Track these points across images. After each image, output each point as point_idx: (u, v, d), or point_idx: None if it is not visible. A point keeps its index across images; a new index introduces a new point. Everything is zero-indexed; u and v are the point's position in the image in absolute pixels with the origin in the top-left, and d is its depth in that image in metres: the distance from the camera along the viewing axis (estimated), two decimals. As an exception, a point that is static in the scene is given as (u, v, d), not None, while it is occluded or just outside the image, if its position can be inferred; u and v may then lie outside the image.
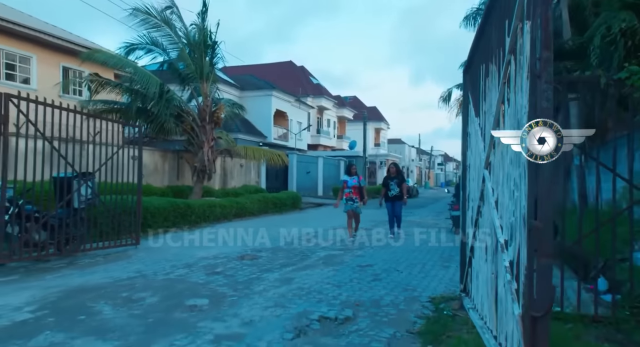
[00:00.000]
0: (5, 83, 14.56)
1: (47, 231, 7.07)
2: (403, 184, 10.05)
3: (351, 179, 9.46)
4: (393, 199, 9.96)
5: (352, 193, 9.38)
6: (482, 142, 3.28)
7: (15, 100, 6.13)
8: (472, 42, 4.16)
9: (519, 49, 2.36)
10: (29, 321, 4.10)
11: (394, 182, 9.98)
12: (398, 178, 10.04)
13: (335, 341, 3.64)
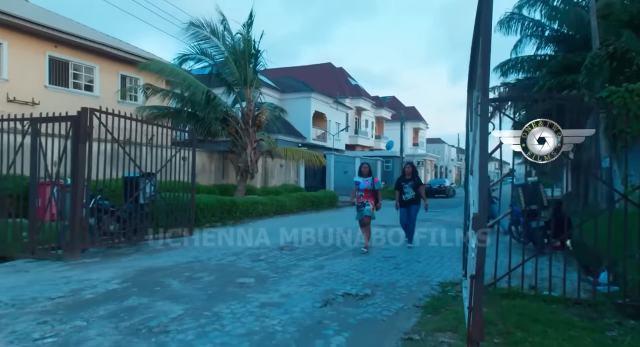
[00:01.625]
0: (73, 91, 16.28)
1: (118, 222, 8.36)
2: (419, 187, 8.99)
3: (364, 181, 8.43)
4: (408, 204, 8.87)
5: (364, 197, 8.35)
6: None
7: (97, 113, 7.41)
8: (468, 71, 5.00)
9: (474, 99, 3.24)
10: (118, 289, 5.28)
11: (409, 185, 8.91)
12: (414, 180, 8.98)
13: (354, 309, 4.60)
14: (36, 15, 15.50)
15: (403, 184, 9.00)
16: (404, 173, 9.20)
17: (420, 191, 8.92)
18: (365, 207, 8.27)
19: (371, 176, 8.57)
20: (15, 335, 3.79)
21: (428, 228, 11.18)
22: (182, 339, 3.70)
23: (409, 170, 9.09)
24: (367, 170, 8.58)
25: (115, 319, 4.20)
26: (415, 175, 9.11)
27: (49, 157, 7.44)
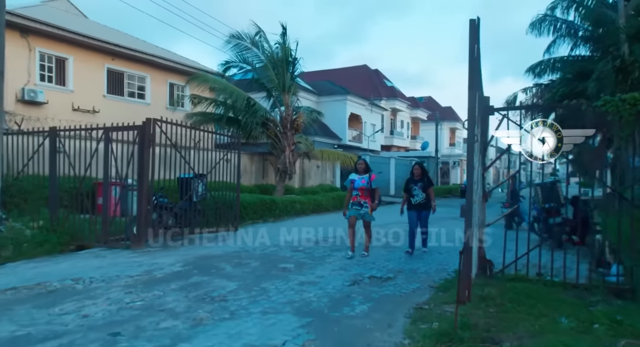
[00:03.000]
0: (127, 99, 17.80)
1: (175, 217, 9.54)
2: (429, 188, 8.22)
3: (359, 179, 7.66)
4: (417, 208, 8.13)
5: (360, 196, 7.57)
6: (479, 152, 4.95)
7: (159, 123, 8.59)
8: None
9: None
10: (181, 271, 6.37)
11: (418, 186, 8.13)
12: (423, 181, 8.21)
13: (377, 288, 5.50)
14: (95, 31, 17.10)
15: (412, 185, 8.23)
16: (413, 174, 8.42)
17: (429, 193, 8.16)
18: (363, 210, 7.51)
19: (368, 173, 7.74)
20: (111, 300, 4.90)
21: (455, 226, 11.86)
22: (238, 304, 4.71)
23: (418, 171, 8.33)
24: (363, 167, 7.78)
25: (184, 291, 5.26)
26: (425, 175, 8.38)
27: (118, 161, 8.69)
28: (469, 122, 3.79)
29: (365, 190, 7.56)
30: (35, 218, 9.02)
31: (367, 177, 7.63)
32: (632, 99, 5.53)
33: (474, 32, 3.73)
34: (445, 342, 3.46)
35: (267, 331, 3.88)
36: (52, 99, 14.76)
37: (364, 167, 7.75)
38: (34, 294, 5.19)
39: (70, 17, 18.50)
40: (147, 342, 3.63)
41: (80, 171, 8.90)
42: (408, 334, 3.78)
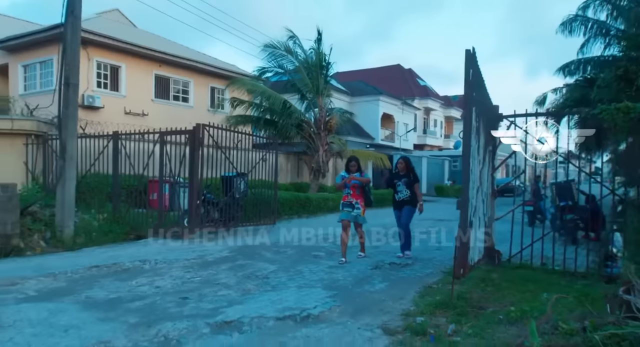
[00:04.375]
0: (172, 103, 19.20)
1: (219, 212, 10.68)
2: (415, 184, 7.55)
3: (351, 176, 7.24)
4: (400, 205, 7.53)
5: (352, 195, 7.12)
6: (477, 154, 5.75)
7: (207, 128, 9.73)
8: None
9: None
10: (228, 256, 7.46)
11: (403, 182, 7.49)
12: (408, 177, 7.52)
13: (395, 272, 6.41)
14: (144, 39, 18.56)
15: (396, 181, 7.58)
16: (397, 169, 7.74)
17: (415, 190, 7.52)
18: (355, 211, 7.10)
19: (360, 171, 7.37)
20: (175, 277, 6.01)
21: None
22: (278, 280, 5.73)
23: (402, 165, 7.60)
24: (355, 166, 7.32)
25: (233, 271, 6.32)
26: (411, 171, 7.65)
27: (171, 161, 9.89)
28: (464, 133, 4.65)
29: (358, 188, 7.16)
30: (100, 211, 10.36)
31: (359, 175, 7.29)
32: (625, 108, 6.20)
33: (470, 60, 4.59)
34: (442, 308, 4.35)
35: (301, 299, 4.87)
36: (108, 104, 16.25)
37: (356, 167, 7.31)
38: (112, 271, 6.37)
39: (122, 27, 20.06)
40: (209, 304, 4.68)
41: (138, 170, 10.16)
42: (414, 304, 4.68)
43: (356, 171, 7.29)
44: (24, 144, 11.93)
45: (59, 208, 8.88)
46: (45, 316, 4.22)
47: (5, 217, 7.78)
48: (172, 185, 10.25)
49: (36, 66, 16.42)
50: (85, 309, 4.51)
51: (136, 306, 4.61)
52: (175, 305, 4.66)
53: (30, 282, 5.57)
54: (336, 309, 4.55)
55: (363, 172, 7.54)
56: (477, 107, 5.34)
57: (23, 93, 16.36)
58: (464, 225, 4.60)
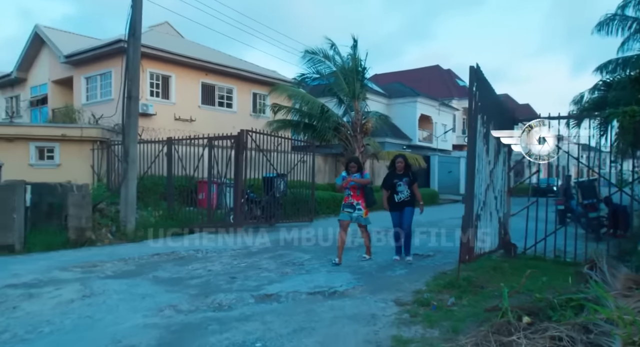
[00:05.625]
0: (217, 108, 20.49)
1: (261, 210, 11.71)
2: (414, 184, 7.28)
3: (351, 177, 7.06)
4: (400, 206, 7.19)
5: (353, 196, 7.01)
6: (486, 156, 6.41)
7: (250, 133, 10.77)
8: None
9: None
10: (269, 247, 8.44)
11: (404, 182, 7.15)
12: (408, 176, 7.22)
13: (417, 262, 7.17)
14: (192, 50, 19.95)
15: (396, 181, 7.22)
16: (395, 167, 7.36)
17: (415, 190, 7.26)
18: (356, 213, 7.00)
19: (360, 171, 7.19)
20: (224, 263, 7.01)
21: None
22: (312, 266, 6.64)
23: (402, 165, 7.26)
24: (355, 166, 7.15)
25: (273, 259, 7.27)
26: (409, 170, 7.35)
27: (218, 163, 10.99)
28: (469, 138, 5.39)
29: (358, 189, 7.02)
30: (156, 209, 11.60)
31: (359, 175, 7.13)
32: (631, 111, 6.71)
33: (474, 75, 5.32)
34: (449, 288, 5.10)
35: (330, 280, 5.74)
36: (159, 111, 17.66)
37: (356, 167, 7.15)
38: (171, 258, 7.45)
39: (171, 39, 21.57)
40: (253, 282, 5.65)
41: (189, 172, 11.33)
42: (426, 285, 5.44)
43: (356, 172, 7.12)
44: (90, 149, 13.42)
45: (123, 205, 10.13)
46: (125, 288, 5.30)
47: (80, 213, 9.06)
48: (219, 185, 11.35)
49: (97, 78, 18.07)
50: (155, 284, 5.56)
51: (194, 283, 5.63)
52: (225, 283, 5.64)
53: (107, 265, 6.72)
54: (359, 287, 5.40)
55: (364, 172, 7.36)
56: (485, 114, 6.04)
57: (85, 103, 18.05)
58: (468, 217, 5.33)
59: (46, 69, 20.08)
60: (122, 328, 3.96)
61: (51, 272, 6.22)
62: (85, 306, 4.63)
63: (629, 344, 2.56)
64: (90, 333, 3.86)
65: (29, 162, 12.92)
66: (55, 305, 4.68)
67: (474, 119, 5.42)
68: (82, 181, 10.90)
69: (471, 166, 5.38)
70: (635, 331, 2.62)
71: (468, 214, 5.36)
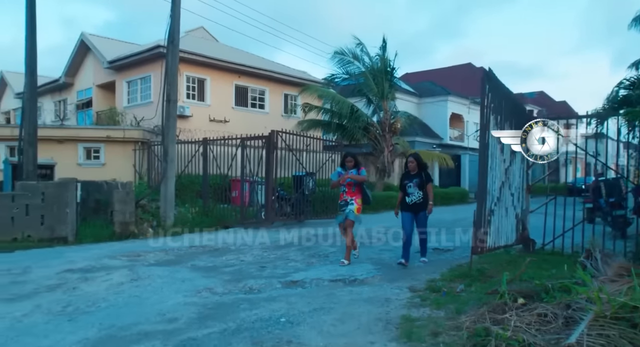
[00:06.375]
0: (250, 110, 21.22)
1: (291, 207, 12.27)
2: (428, 184, 6.86)
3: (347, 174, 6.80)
4: (413, 209, 6.84)
5: (348, 193, 6.77)
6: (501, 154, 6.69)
7: (280, 134, 11.34)
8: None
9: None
10: (297, 241, 8.98)
11: (414, 183, 6.78)
12: (420, 177, 6.82)
13: (436, 255, 7.55)
14: (226, 53, 20.75)
15: (406, 182, 6.92)
16: (407, 168, 7.09)
17: (428, 190, 6.86)
18: (348, 207, 6.72)
19: (357, 167, 6.90)
20: (255, 254, 7.58)
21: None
22: (336, 258, 7.12)
23: (413, 164, 6.92)
24: (352, 162, 6.91)
25: (300, 251, 7.80)
26: (423, 170, 6.97)
27: (250, 162, 11.61)
28: (480, 138, 5.74)
29: (354, 185, 6.78)
30: (193, 205, 12.33)
31: (356, 171, 6.84)
32: (646, 110, 6.90)
33: (487, 78, 5.67)
34: (461, 277, 5.48)
35: (351, 270, 6.21)
36: (195, 113, 18.51)
37: (353, 162, 6.91)
38: (207, 250, 8.09)
39: (206, 43, 22.45)
40: (281, 270, 6.19)
41: (223, 171, 12.01)
42: (441, 275, 5.83)
43: (353, 167, 6.87)
44: (132, 149, 14.33)
45: (162, 202, 10.89)
46: (167, 274, 5.93)
47: (124, 209, 9.85)
48: (251, 183, 11.98)
49: (137, 82, 19.11)
50: (193, 271, 6.18)
51: (228, 270, 6.22)
52: (256, 270, 6.21)
53: (149, 255, 7.40)
54: (377, 276, 5.85)
55: (360, 168, 6.97)
56: (499, 114, 6.38)
57: (126, 105, 19.10)
58: (479, 212, 5.69)
59: (91, 74, 21.32)
60: (166, 305, 4.56)
61: (102, 260, 6.95)
62: (134, 288, 5.28)
63: (601, 317, 2.92)
64: (139, 308, 4.47)
65: (78, 161, 13.94)
66: (108, 286, 5.34)
67: (487, 120, 5.77)
68: (125, 179, 11.76)
69: (483, 164, 5.74)
70: (607, 307, 2.98)
71: (480, 209, 5.72)
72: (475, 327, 3.35)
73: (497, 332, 3.10)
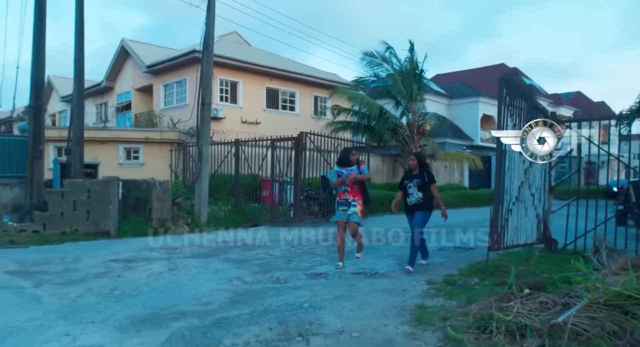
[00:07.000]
0: (281, 112, 21.75)
1: (319, 206, 12.67)
2: (432, 185, 6.51)
3: (347, 172, 6.40)
4: (412, 210, 6.52)
5: (349, 192, 6.40)
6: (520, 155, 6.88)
7: (309, 135, 11.76)
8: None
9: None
10: (323, 238, 9.37)
11: (414, 184, 6.47)
12: (421, 177, 6.49)
13: (456, 253, 7.80)
14: (257, 57, 21.36)
15: (406, 182, 6.61)
16: (409, 167, 6.79)
17: (433, 191, 6.53)
18: (351, 209, 6.36)
19: (357, 165, 6.53)
20: (282, 249, 8.02)
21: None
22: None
23: (414, 163, 6.62)
24: (356, 158, 6.61)
25: (326, 247, 8.20)
26: (425, 169, 6.65)
27: (280, 163, 12.08)
28: (497, 140, 5.99)
29: (356, 184, 6.42)
30: (225, 204, 12.90)
31: (356, 168, 6.46)
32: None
33: (504, 82, 5.92)
34: (477, 272, 5.74)
35: (373, 264, 6.56)
36: (228, 115, 19.16)
37: (356, 158, 6.59)
38: (238, 245, 8.58)
39: (239, 47, 23.15)
40: (306, 263, 6.61)
41: (254, 171, 12.53)
42: (459, 270, 6.10)
43: (356, 163, 6.52)
44: (169, 150, 15.07)
45: (197, 200, 11.48)
46: (201, 265, 6.44)
47: (162, 206, 10.47)
48: (280, 183, 12.45)
49: (173, 85, 19.94)
50: (225, 262, 6.67)
51: (257, 263, 6.67)
52: (283, 263, 6.64)
53: (185, 249, 7.96)
54: (398, 271, 6.18)
55: (361, 166, 6.64)
56: (520, 116, 6.59)
57: (163, 108, 19.95)
58: (495, 210, 5.94)
59: (130, 78, 22.34)
60: (201, 291, 5.03)
61: (142, 252, 7.53)
62: (172, 276, 5.79)
63: (594, 304, 3.17)
64: (177, 293, 4.96)
65: (119, 161, 14.77)
66: (149, 274, 5.87)
67: (504, 123, 6.02)
68: (162, 178, 12.43)
69: (499, 165, 5.99)
70: (602, 295, 3.23)
71: (496, 208, 5.96)
72: (481, 313, 3.65)
73: (499, 317, 3.40)
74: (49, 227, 9.38)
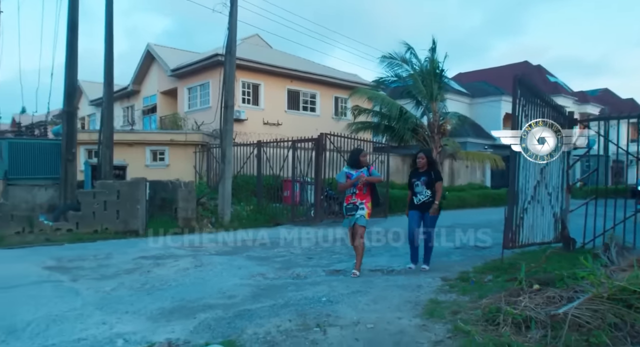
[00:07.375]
0: (302, 113, 22.04)
1: (339, 205, 12.88)
2: (437, 183, 6.35)
3: (357, 174, 6.05)
4: (420, 208, 6.44)
5: (358, 195, 6.07)
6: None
7: (328, 136, 12.00)
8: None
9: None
10: (343, 237, 9.50)
11: (421, 181, 6.35)
12: (429, 175, 6.36)
13: (473, 251, 7.93)
14: (279, 59, 21.70)
15: (413, 180, 6.50)
16: (416, 165, 6.59)
17: (437, 189, 6.35)
18: (358, 212, 6.04)
19: (367, 167, 6.23)
20: (303, 248, 8.28)
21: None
22: (377, 251, 7.72)
23: (423, 161, 6.44)
24: (366, 158, 6.36)
25: (345, 246, 8.38)
26: (433, 167, 6.54)
27: (301, 163, 12.35)
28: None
29: (365, 187, 6.09)
30: (247, 204, 13.24)
31: (366, 170, 6.14)
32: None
33: (517, 84, 6.04)
34: (491, 270, 5.89)
35: (390, 262, 6.77)
36: (250, 116, 19.54)
37: (366, 159, 6.32)
38: (259, 243, 8.89)
39: (261, 50, 23.54)
40: (326, 261, 6.85)
41: (275, 171, 12.83)
42: (474, 268, 6.25)
43: (366, 164, 6.25)
44: (193, 151, 15.51)
45: (220, 200, 11.84)
46: (225, 261, 6.75)
47: (187, 206, 10.86)
48: (301, 184, 12.72)
49: (197, 88, 20.44)
50: (248, 260, 6.97)
51: (278, 260, 6.95)
52: (303, 260, 6.90)
53: (210, 246, 8.31)
54: (414, 268, 6.35)
55: (371, 167, 6.37)
56: (535, 117, 6.70)
57: (187, 110, 20.48)
58: (510, 209, 6.07)
59: (155, 82, 22.98)
60: (225, 285, 5.33)
61: (169, 249, 7.90)
62: (198, 272, 6.12)
63: (598, 298, 3.32)
64: (203, 287, 5.27)
65: (145, 163, 15.28)
66: (177, 270, 6.21)
67: (519, 123, 6.14)
68: (186, 179, 12.84)
69: (513, 164, 6.12)
70: (606, 289, 3.38)
71: (510, 207, 6.09)
72: (490, 306, 3.83)
73: (506, 310, 3.57)
74: (81, 226, 9.85)
